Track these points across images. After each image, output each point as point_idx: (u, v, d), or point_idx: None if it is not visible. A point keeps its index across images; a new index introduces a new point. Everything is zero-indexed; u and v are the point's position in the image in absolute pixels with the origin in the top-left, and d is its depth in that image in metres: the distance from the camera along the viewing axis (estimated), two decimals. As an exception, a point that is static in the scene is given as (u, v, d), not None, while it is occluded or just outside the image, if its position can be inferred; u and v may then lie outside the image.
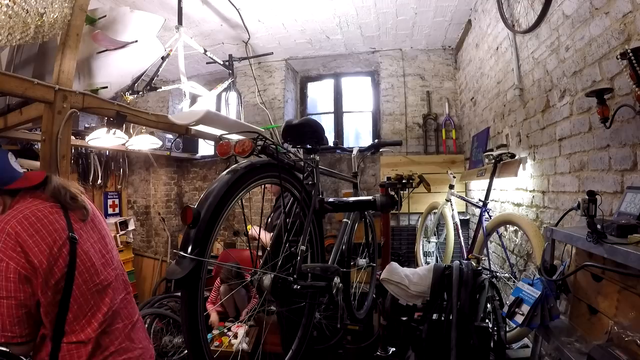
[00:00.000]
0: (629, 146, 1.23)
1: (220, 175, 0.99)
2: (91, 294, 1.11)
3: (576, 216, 1.49)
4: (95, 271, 1.14)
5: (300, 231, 1.27)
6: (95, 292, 1.13)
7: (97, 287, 1.14)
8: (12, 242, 1.00)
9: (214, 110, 2.62)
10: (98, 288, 1.14)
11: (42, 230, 1.05)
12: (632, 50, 1.03)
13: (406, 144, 3.97)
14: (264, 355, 1.51)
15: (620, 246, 0.90)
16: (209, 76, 4.59)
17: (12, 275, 0.98)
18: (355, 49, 4.11)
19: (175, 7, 2.86)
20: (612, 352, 0.87)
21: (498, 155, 2.25)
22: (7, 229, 1.02)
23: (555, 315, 1.24)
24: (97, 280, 1.14)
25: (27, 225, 1.04)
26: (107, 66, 2.21)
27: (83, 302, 1.09)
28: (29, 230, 1.03)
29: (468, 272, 1.56)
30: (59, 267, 1.05)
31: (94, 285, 1.13)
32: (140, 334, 1.25)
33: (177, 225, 4.77)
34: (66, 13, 1.79)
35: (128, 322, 1.21)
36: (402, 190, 1.92)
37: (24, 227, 1.03)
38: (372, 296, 2.22)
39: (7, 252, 0.99)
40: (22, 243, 1.01)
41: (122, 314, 1.20)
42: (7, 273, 0.98)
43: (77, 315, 1.08)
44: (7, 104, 2.11)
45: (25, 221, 1.04)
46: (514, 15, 2.20)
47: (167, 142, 3.99)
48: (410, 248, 3.60)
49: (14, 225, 1.02)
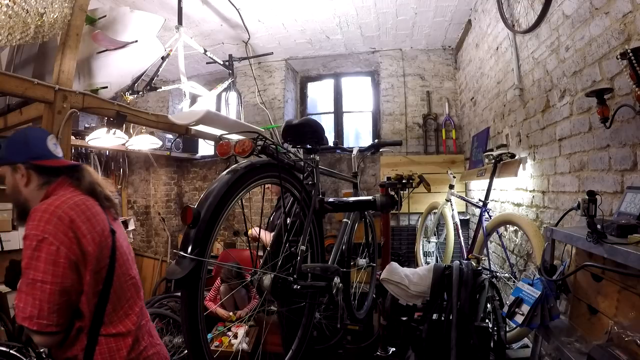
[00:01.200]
0: (629, 146, 1.23)
1: (220, 175, 0.99)
2: (127, 286, 1.14)
3: (576, 216, 1.48)
4: (129, 266, 1.17)
5: (300, 231, 1.27)
6: (131, 285, 1.16)
7: (132, 280, 1.17)
8: (65, 227, 0.98)
9: (214, 110, 2.62)
10: (133, 282, 1.17)
11: (92, 219, 1.06)
12: (632, 50, 1.03)
13: (406, 144, 3.97)
14: (264, 355, 1.51)
15: (620, 246, 0.90)
16: (209, 76, 4.59)
17: (62, 260, 0.96)
18: (355, 49, 4.11)
19: (175, 7, 2.86)
20: (612, 352, 0.87)
21: (498, 155, 2.25)
22: (59, 213, 1.00)
23: (555, 315, 1.24)
24: (131, 274, 1.17)
25: (79, 212, 1.03)
26: (107, 66, 2.21)
27: (121, 294, 1.10)
28: (82, 217, 1.03)
29: (468, 272, 1.56)
30: (104, 256, 1.06)
31: (130, 278, 1.16)
32: (155, 332, 1.27)
33: (177, 225, 4.77)
34: (66, 13, 1.80)
35: (148, 319, 1.24)
36: (402, 190, 1.92)
37: (77, 214, 1.02)
38: (372, 296, 2.22)
39: (59, 236, 0.97)
40: (76, 229, 1.00)
41: (143, 311, 1.22)
42: (57, 257, 0.96)
43: (116, 306, 1.08)
44: (7, 104, 2.11)
45: (77, 208, 1.04)
46: (514, 15, 2.20)
47: (167, 142, 3.99)
48: (410, 248, 3.60)
49: (67, 210, 1.01)
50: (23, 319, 0.94)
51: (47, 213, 0.99)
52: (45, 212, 0.99)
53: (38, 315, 0.94)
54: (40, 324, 0.95)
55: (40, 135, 1.19)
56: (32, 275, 0.95)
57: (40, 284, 0.94)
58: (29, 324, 0.94)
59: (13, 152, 1.13)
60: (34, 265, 0.95)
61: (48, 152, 1.16)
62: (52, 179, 1.14)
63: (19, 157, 1.12)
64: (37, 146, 1.15)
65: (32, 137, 1.18)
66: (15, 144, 1.15)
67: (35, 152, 1.14)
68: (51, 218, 0.98)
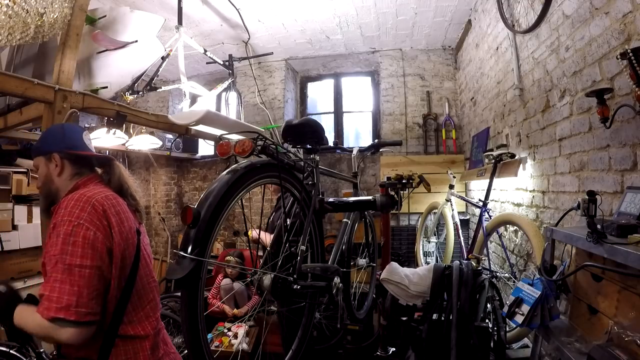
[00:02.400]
0: (629, 146, 1.23)
1: (220, 175, 0.99)
2: (150, 288, 1.11)
3: (576, 216, 1.48)
4: (150, 269, 1.15)
5: (300, 231, 1.26)
6: (154, 288, 1.13)
7: (153, 283, 1.14)
8: (99, 214, 0.98)
9: (214, 110, 2.62)
10: (153, 285, 1.14)
11: (121, 213, 1.05)
12: (632, 50, 1.03)
13: (406, 144, 3.97)
14: (264, 355, 1.51)
15: (620, 246, 0.90)
16: (209, 76, 4.59)
17: (99, 245, 0.94)
18: (355, 49, 4.11)
19: (175, 7, 2.86)
20: (612, 352, 0.87)
21: (498, 155, 2.25)
22: (92, 202, 0.99)
23: (555, 315, 1.24)
24: (153, 276, 1.15)
25: (110, 205, 1.03)
26: (107, 66, 2.21)
27: (143, 294, 1.07)
28: (112, 210, 1.02)
29: (468, 272, 1.56)
30: (129, 254, 1.04)
31: (152, 280, 1.13)
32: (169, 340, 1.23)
33: (177, 225, 4.77)
34: (66, 13, 1.80)
35: (163, 326, 1.20)
36: (402, 190, 1.92)
37: (109, 205, 1.02)
38: (372, 296, 2.22)
39: (95, 222, 0.96)
40: (109, 218, 0.99)
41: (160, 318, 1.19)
42: (95, 242, 0.93)
43: (136, 307, 1.05)
44: (7, 104, 2.11)
45: (108, 201, 1.03)
46: (514, 15, 2.20)
47: (167, 142, 3.99)
48: (410, 248, 3.60)
49: (100, 199, 1.01)
50: (58, 309, 0.86)
51: (80, 202, 0.98)
52: (78, 201, 0.98)
53: (76, 303, 0.88)
54: (78, 313, 0.88)
55: (76, 129, 1.22)
56: (69, 261, 0.90)
57: (78, 269, 0.90)
58: (66, 314, 0.86)
59: (49, 143, 1.15)
60: (69, 251, 0.91)
61: (83, 144, 1.18)
62: (84, 172, 1.15)
63: (54, 147, 1.13)
64: (73, 138, 1.17)
65: (69, 129, 1.21)
66: (52, 135, 1.18)
67: (71, 143, 1.15)
68: (85, 206, 0.97)
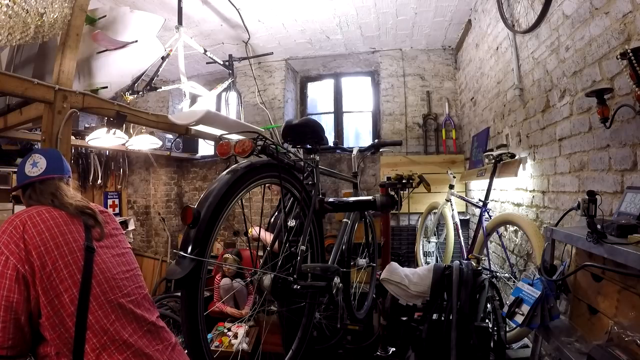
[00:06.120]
0: (629, 146, 1.23)
1: (220, 175, 0.99)
2: (112, 307, 0.97)
3: (576, 216, 1.48)
4: (117, 285, 1.01)
5: (300, 231, 1.27)
6: (118, 307, 0.98)
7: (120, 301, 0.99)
8: (18, 235, 0.91)
9: (214, 110, 2.61)
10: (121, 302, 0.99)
11: (53, 229, 0.96)
12: (632, 50, 1.03)
13: (406, 144, 3.97)
14: (264, 355, 1.51)
15: (620, 246, 0.90)
16: (209, 76, 4.59)
17: (9, 271, 0.87)
18: (355, 49, 4.11)
19: (175, 7, 2.86)
20: (612, 352, 0.87)
21: (498, 155, 2.25)
22: (16, 222, 0.94)
23: (555, 315, 1.24)
24: (118, 294, 1.00)
25: (37, 221, 0.95)
26: (107, 66, 2.21)
27: (102, 315, 0.95)
28: (38, 227, 0.94)
29: (468, 272, 1.56)
30: (70, 273, 0.93)
31: (115, 299, 0.99)
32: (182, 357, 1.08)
33: (177, 225, 4.76)
34: (66, 13, 1.79)
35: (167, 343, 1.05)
36: (402, 190, 1.92)
37: (34, 223, 0.95)
38: (372, 296, 2.22)
39: (10, 246, 0.89)
40: (28, 240, 0.91)
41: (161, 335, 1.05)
42: (4, 268, 0.87)
43: (96, 331, 0.92)
44: (7, 104, 2.11)
45: (37, 217, 0.97)
46: (514, 15, 2.20)
47: (167, 142, 3.99)
48: (410, 248, 3.60)
49: (23, 219, 0.95)
50: None
51: (5, 223, 0.95)
52: (4, 223, 0.96)
53: None
54: None
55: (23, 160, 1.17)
56: None
57: None
58: None
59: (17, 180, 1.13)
60: None
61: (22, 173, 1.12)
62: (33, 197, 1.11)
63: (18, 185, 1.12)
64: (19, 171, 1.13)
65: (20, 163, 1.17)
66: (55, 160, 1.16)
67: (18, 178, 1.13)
68: (7, 227, 0.94)
